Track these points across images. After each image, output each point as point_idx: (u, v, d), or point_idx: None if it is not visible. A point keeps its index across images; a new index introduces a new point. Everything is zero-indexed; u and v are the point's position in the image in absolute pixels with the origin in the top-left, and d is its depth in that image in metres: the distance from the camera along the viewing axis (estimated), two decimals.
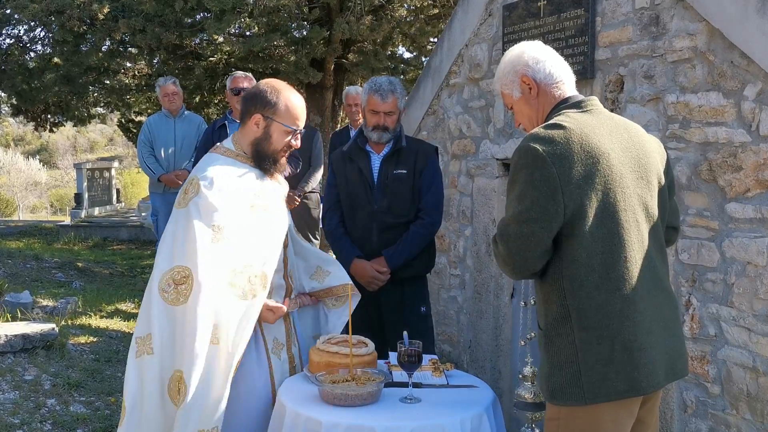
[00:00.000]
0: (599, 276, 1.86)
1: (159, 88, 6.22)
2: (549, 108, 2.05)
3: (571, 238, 1.87)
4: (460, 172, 4.76)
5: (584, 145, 1.86)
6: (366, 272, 3.33)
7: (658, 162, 2.03)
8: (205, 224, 2.36)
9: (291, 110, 2.53)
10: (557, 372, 1.90)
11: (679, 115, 3.11)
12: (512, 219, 1.90)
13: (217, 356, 2.28)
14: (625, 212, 1.88)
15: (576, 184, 1.83)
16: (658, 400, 2.06)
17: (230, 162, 2.53)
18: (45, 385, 3.86)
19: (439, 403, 2.33)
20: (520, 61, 2.07)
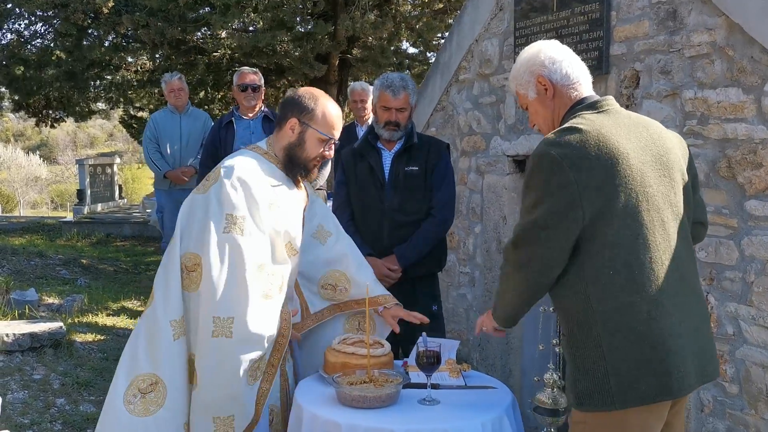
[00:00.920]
0: (624, 278, 1.82)
1: (164, 84, 6.17)
2: (565, 109, 2.01)
3: (592, 242, 1.84)
4: (470, 169, 4.72)
5: (601, 147, 1.82)
6: (377, 270, 3.27)
7: (680, 158, 1.99)
8: (220, 213, 2.32)
9: (327, 118, 2.51)
10: (584, 377, 1.86)
11: (697, 111, 3.07)
12: (530, 224, 1.87)
13: (229, 350, 2.24)
14: (648, 212, 1.84)
15: (595, 187, 1.80)
16: (685, 403, 2.02)
17: (257, 158, 2.51)
18: (54, 385, 3.83)
19: (457, 405, 2.29)
20: (536, 61, 2.03)
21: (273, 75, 9.32)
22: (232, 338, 2.25)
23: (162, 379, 2.25)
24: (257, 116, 5.16)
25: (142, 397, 2.24)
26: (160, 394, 2.25)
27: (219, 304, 2.25)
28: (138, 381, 2.26)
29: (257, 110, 5.17)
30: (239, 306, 2.26)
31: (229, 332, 2.25)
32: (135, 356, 2.28)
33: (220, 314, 2.25)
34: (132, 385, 2.25)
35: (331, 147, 2.56)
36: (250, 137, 5.08)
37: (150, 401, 2.24)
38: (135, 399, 2.24)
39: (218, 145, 5.03)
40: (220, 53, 8.59)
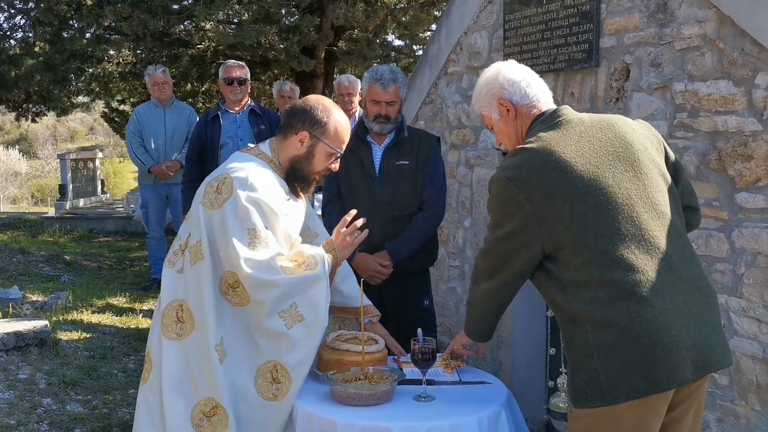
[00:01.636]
0: (598, 278, 1.86)
1: (148, 77, 6.09)
2: (527, 127, 2.09)
3: (561, 250, 1.92)
4: (459, 162, 4.70)
5: (547, 163, 1.91)
6: (369, 266, 3.26)
7: (647, 147, 2.02)
8: (241, 229, 2.29)
9: (339, 133, 2.47)
10: (578, 374, 1.90)
11: (687, 104, 3.07)
12: (494, 241, 2.03)
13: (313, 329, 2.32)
14: (610, 212, 1.88)
15: (546, 203, 1.89)
16: (696, 399, 2.00)
17: (265, 166, 2.46)
18: (40, 384, 3.77)
19: (453, 401, 2.28)
20: (496, 84, 2.12)
21: (258, 68, 9.24)
22: (305, 319, 2.29)
23: (220, 403, 2.28)
24: (243, 110, 5.11)
25: (208, 420, 2.29)
26: (223, 416, 2.29)
27: (278, 300, 2.28)
28: (201, 405, 2.30)
29: (243, 104, 5.12)
30: (294, 291, 2.29)
31: (299, 316, 2.29)
32: (193, 382, 2.32)
33: (284, 306, 2.28)
34: (196, 410, 2.30)
35: (337, 161, 2.52)
36: (237, 131, 5.04)
37: (216, 424, 2.29)
38: (203, 422, 2.29)
39: (204, 140, 4.98)
40: (204, 46, 8.49)
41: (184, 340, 2.34)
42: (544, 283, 2.01)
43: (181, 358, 2.33)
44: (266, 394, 2.30)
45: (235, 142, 4.89)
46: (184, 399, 2.30)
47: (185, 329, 2.34)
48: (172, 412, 2.30)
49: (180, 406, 2.30)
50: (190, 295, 2.35)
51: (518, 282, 2.09)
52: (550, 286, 1.99)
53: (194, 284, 2.33)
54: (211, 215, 2.34)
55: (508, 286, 2.09)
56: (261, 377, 2.31)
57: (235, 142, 4.87)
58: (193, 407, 2.30)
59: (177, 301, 2.37)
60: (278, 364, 2.29)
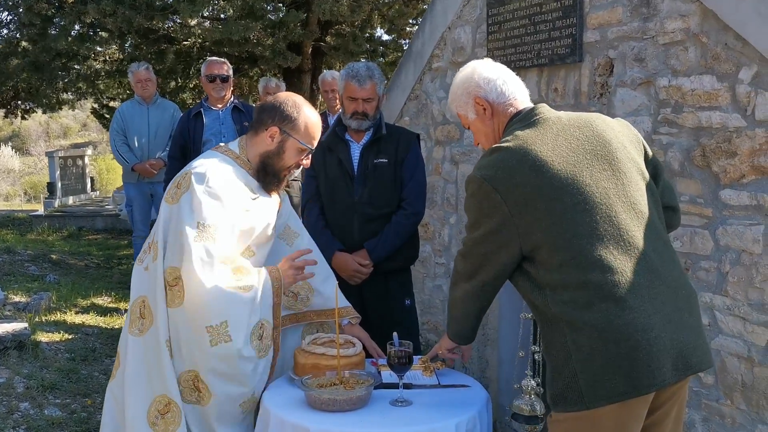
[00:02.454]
0: (576, 279, 1.83)
1: (131, 74, 6.01)
2: (503, 126, 2.06)
3: (538, 250, 1.88)
4: (444, 159, 4.65)
5: (523, 162, 1.87)
6: (348, 266, 3.22)
7: (626, 146, 1.99)
8: (192, 222, 2.25)
9: (309, 128, 2.43)
10: (557, 377, 1.87)
11: (671, 100, 3.02)
12: (471, 242, 1.99)
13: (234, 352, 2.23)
14: (588, 212, 1.85)
15: (523, 203, 1.85)
16: (677, 401, 1.97)
17: (229, 162, 2.42)
18: (18, 388, 3.70)
19: (431, 405, 2.23)
20: (472, 83, 2.08)
21: (246, 64, 9.15)
22: (231, 341, 2.22)
23: (173, 399, 2.26)
24: (226, 107, 5.04)
25: (162, 417, 2.26)
26: (175, 413, 2.26)
27: (208, 313, 2.21)
28: (156, 402, 2.27)
29: (226, 101, 5.06)
30: (228, 309, 2.22)
31: (227, 336, 2.22)
32: (149, 378, 2.29)
33: (213, 322, 2.22)
34: (152, 407, 2.27)
35: (308, 157, 2.49)
36: (220, 128, 4.97)
37: (169, 421, 2.26)
38: (158, 420, 2.26)
39: (187, 137, 4.91)
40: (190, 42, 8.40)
41: (144, 336, 2.32)
42: (523, 285, 1.98)
43: (141, 354, 2.31)
44: (189, 398, 2.28)
45: (218, 139, 4.82)
46: (142, 396, 2.28)
47: (145, 325, 2.32)
48: (131, 409, 2.28)
49: (138, 404, 2.28)
50: (150, 290, 2.33)
51: (497, 283, 2.05)
52: (528, 288, 1.95)
53: (153, 280, 2.31)
54: (171, 210, 2.33)
55: (487, 287, 2.05)
56: (183, 383, 2.28)
57: (218, 140, 4.80)
58: (149, 405, 2.27)
59: (141, 297, 2.36)
60: (198, 376, 2.26)
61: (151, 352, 2.29)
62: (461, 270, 2.09)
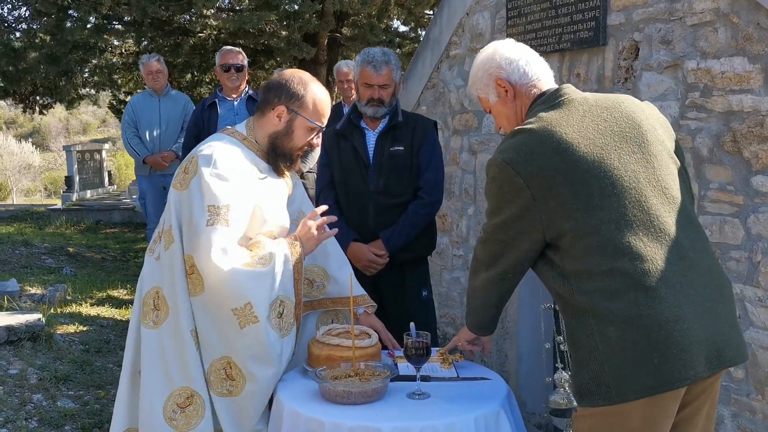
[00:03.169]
0: (603, 267, 1.73)
1: (142, 66, 5.97)
2: (526, 108, 1.96)
3: (563, 237, 1.79)
4: (462, 149, 4.56)
5: (547, 145, 1.78)
6: (363, 256, 3.14)
7: (657, 128, 1.89)
8: (202, 206, 2.18)
9: (318, 106, 2.34)
10: (583, 370, 1.77)
11: (699, 83, 2.90)
12: (492, 228, 1.90)
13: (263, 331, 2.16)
14: (616, 197, 1.76)
15: (547, 187, 1.77)
16: (709, 397, 1.87)
17: (236, 144, 2.34)
18: (31, 380, 3.67)
19: (449, 398, 2.14)
20: (493, 64, 1.98)
21: (261, 56, 9.10)
22: (259, 322, 2.14)
23: (197, 391, 2.19)
24: (241, 97, 4.98)
25: (182, 411, 2.18)
26: (199, 406, 2.19)
27: (231, 296, 2.14)
28: (174, 396, 2.19)
29: (241, 91, 4.99)
30: (249, 289, 2.15)
31: (254, 317, 2.14)
32: (166, 371, 2.22)
33: (237, 304, 2.14)
34: (169, 402, 2.19)
35: (319, 135, 2.39)
36: (234, 119, 4.90)
37: (191, 414, 2.19)
38: (176, 414, 2.19)
39: (201, 128, 4.85)
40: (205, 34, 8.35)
41: (160, 329, 2.24)
42: (546, 273, 1.89)
43: (155, 347, 2.24)
44: (220, 389, 2.19)
45: None
46: (158, 391, 2.21)
47: (160, 317, 2.25)
48: (146, 404, 2.21)
49: (154, 399, 2.20)
50: (164, 280, 2.26)
51: (519, 271, 1.96)
52: (551, 276, 1.86)
53: (168, 269, 2.24)
54: (181, 196, 2.25)
55: (508, 276, 1.97)
56: (214, 373, 2.20)
57: None
58: (165, 400, 2.20)
59: (154, 288, 2.29)
60: (231, 362, 2.17)
61: (169, 344, 2.22)
62: (481, 258, 2.00)
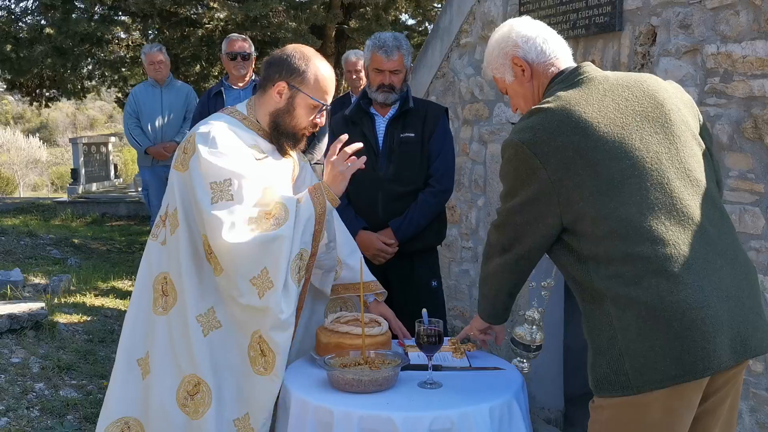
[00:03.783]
0: (622, 251, 1.66)
1: (144, 56, 5.91)
2: (544, 87, 1.89)
3: (581, 221, 1.71)
4: (472, 139, 4.48)
5: (565, 124, 1.71)
6: (372, 244, 3.07)
7: (681, 108, 1.81)
8: (204, 185, 2.11)
9: (321, 82, 2.25)
10: (600, 359, 1.70)
11: (719, 68, 2.82)
12: (507, 212, 1.84)
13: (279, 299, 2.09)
14: (637, 178, 1.68)
15: (564, 168, 1.70)
16: (733, 388, 1.79)
17: (235, 123, 2.26)
18: (33, 369, 3.62)
19: (462, 388, 2.07)
20: (509, 42, 1.92)
21: (268, 48, 9.03)
22: (274, 287, 2.07)
23: (203, 378, 2.13)
24: (248, 86, 4.91)
25: (192, 398, 2.14)
26: (205, 394, 2.13)
27: (248, 266, 2.07)
28: (185, 383, 2.15)
29: (248, 79, 4.93)
30: (265, 254, 2.07)
31: (270, 283, 2.07)
32: (175, 358, 2.17)
33: (255, 272, 2.07)
34: (181, 388, 2.15)
35: (323, 114, 2.30)
36: None
37: (198, 402, 2.14)
38: (188, 401, 2.14)
39: (207, 116, 4.79)
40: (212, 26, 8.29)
41: (168, 315, 2.19)
42: (562, 258, 1.82)
43: (165, 333, 2.19)
44: (257, 367, 2.13)
45: None
46: (170, 378, 2.16)
47: (169, 303, 2.20)
48: (157, 392, 2.16)
49: (166, 386, 2.15)
50: (171, 265, 2.20)
51: (534, 257, 1.88)
52: (568, 261, 1.79)
53: (174, 253, 2.19)
54: (183, 177, 2.19)
55: (523, 262, 1.89)
56: (252, 349, 2.13)
57: None
58: (178, 386, 2.15)
59: (162, 274, 2.23)
60: (262, 336, 2.10)
61: (177, 330, 2.17)
62: (495, 242, 1.93)
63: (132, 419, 2.23)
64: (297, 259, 2.14)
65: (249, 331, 2.13)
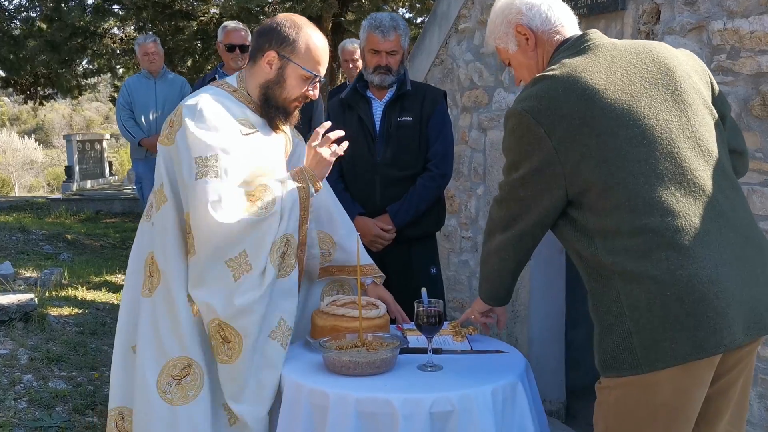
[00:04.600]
0: (630, 224, 1.59)
1: (138, 47, 5.83)
2: (549, 56, 1.82)
3: (586, 193, 1.64)
4: (471, 126, 4.40)
5: (571, 91, 1.64)
6: (369, 230, 2.99)
7: (692, 76, 1.73)
8: (189, 159, 2.02)
9: (312, 51, 2.15)
10: (607, 337, 1.63)
11: (726, 45, 2.74)
12: (510, 185, 1.77)
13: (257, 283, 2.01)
14: (646, 147, 1.61)
15: (570, 137, 1.63)
16: (745, 368, 1.72)
17: (225, 96, 2.16)
18: (21, 360, 3.53)
19: (463, 371, 1.99)
20: (512, 10, 1.86)
21: None
22: (252, 270, 1.98)
23: (195, 360, 2.03)
24: None
25: (178, 384, 2.02)
26: (197, 376, 2.02)
27: (225, 247, 1.97)
28: (169, 368, 2.03)
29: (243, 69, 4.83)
30: (245, 236, 1.98)
31: (248, 266, 1.98)
32: (158, 341, 2.05)
33: (232, 254, 1.98)
34: (163, 374, 2.03)
35: (315, 86, 2.20)
36: None
37: (188, 386, 2.02)
38: (170, 388, 2.02)
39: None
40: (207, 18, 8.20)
41: (153, 296, 2.08)
42: (568, 234, 1.73)
43: (150, 316, 2.08)
44: (221, 356, 2.02)
45: None
46: (152, 364, 2.05)
47: (154, 283, 2.09)
48: (139, 378, 2.06)
49: (147, 373, 2.04)
50: (156, 243, 2.10)
51: (538, 233, 1.81)
52: (573, 236, 1.71)
53: (159, 230, 2.09)
54: (169, 151, 2.09)
55: (526, 238, 1.81)
56: (213, 338, 2.03)
57: None
58: (159, 373, 2.03)
59: (149, 254, 2.13)
60: (221, 323, 1.99)
61: (162, 312, 2.06)
62: (497, 218, 1.85)
63: (126, 409, 2.14)
64: (282, 244, 2.06)
65: (209, 315, 2.01)
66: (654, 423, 1.62)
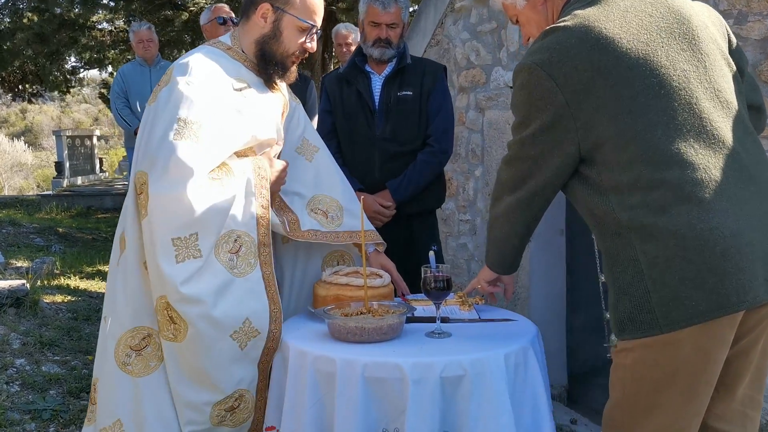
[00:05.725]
0: (648, 178, 1.53)
1: (132, 34, 5.74)
2: (558, 11, 1.76)
3: (600, 148, 1.57)
4: (469, 107, 4.34)
5: (584, 41, 1.57)
6: (369, 207, 2.92)
7: (708, 26, 1.67)
8: (170, 116, 1.90)
9: (307, 1, 2.07)
10: (624, 298, 1.56)
11: (733, 10, 2.69)
12: (520, 143, 1.69)
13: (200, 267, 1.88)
14: (663, 98, 1.54)
15: (583, 89, 1.56)
16: (766, 329, 1.63)
17: (218, 54, 2.07)
18: (13, 344, 3.44)
19: (474, 337, 1.93)
20: None
21: None
22: (201, 257, 1.86)
23: (156, 329, 1.92)
24: None
25: (138, 354, 1.92)
26: (157, 346, 1.92)
27: (175, 223, 1.84)
28: (126, 339, 1.93)
29: None
30: (200, 219, 1.86)
31: (197, 251, 1.86)
32: (117, 312, 1.95)
33: (181, 234, 1.85)
34: (120, 345, 1.92)
35: (313, 38, 2.12)
36: None
37: (148, 357, 1.92)
38: (130, 359, 1.92)
39: None
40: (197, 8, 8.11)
41: (119, 266, 1.99)
42: (580, 193, 1.67)
43: (112, 286, 1.99)
44: (166, 333, 1.90)
45: None
46: (109, 337, 1.95)
47: (122, 254, 1.99)
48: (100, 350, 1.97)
49: (106, 346, 1.95)
50: (128, 213, 1.99)
51: (548, 193, 1.73)
52: (586, 195, 1.64)
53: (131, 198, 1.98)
54: (148, 110, 2.00)
55: (536, 199, 1.74)
56: (159, 313, 1.91)
57: None
58: (116, 344, 1.93)
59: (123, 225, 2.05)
60: (169, 304, 1.86)
61: (121, 280, 1.95)
62: (505, 179, 1.78)
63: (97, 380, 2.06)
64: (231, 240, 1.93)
65: (156, 293, 1.90)
66: (673, 385, 1.56)
